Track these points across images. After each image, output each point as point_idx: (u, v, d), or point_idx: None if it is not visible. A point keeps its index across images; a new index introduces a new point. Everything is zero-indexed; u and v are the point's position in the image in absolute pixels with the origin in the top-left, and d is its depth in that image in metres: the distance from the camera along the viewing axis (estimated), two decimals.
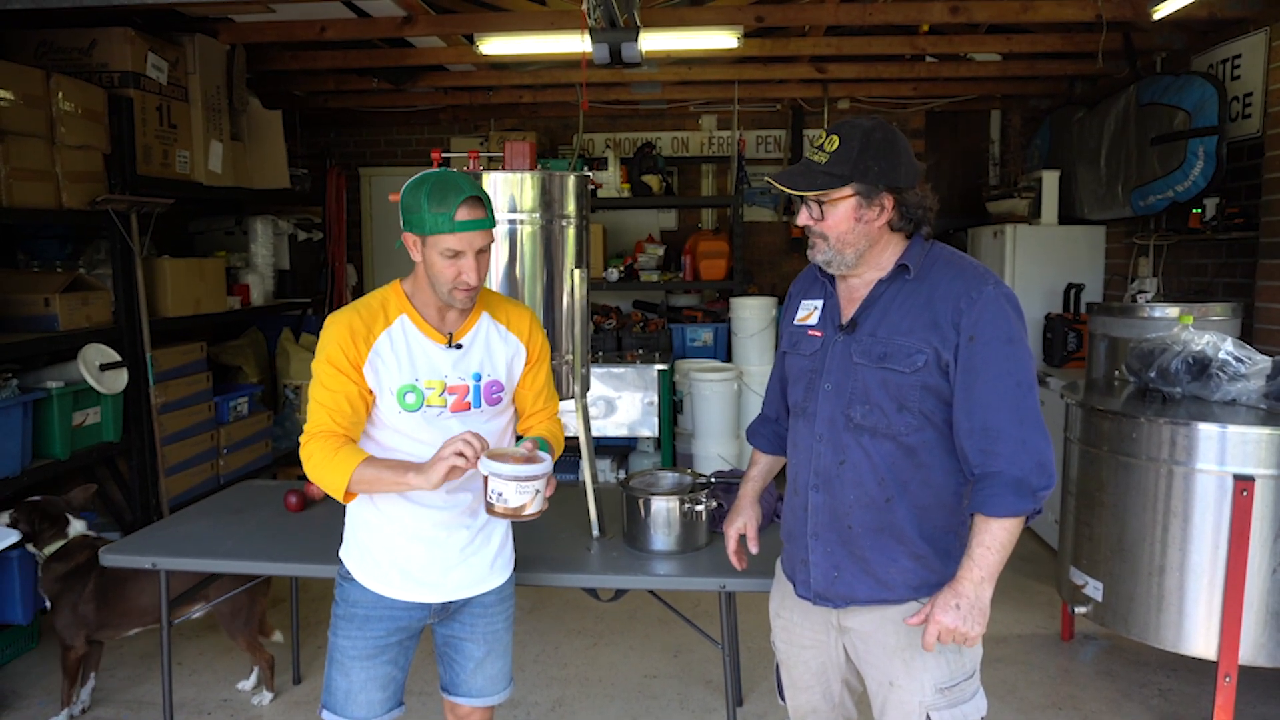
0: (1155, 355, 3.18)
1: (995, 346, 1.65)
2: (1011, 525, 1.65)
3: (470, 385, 1.97)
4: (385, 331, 1.91)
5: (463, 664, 2.12)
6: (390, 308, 1.94)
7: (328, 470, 1.84)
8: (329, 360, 1.88)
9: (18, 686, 3.36)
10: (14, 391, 3.38)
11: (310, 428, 1.89)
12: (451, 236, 1.82)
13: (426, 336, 1.93)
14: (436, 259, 1.85)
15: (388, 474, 1.83)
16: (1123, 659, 3.53)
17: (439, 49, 5.04)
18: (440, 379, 1.93)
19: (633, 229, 6.88)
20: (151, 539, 2.73)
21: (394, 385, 1.90)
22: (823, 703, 1.97)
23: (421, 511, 1.97)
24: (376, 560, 1.99)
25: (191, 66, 4.38)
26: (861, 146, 1.67)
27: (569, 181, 2.51)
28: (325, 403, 1.87)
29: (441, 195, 1.81)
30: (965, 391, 1.67)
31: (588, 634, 3.80)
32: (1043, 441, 1.66)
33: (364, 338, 1.89)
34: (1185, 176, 4.22)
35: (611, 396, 5.43)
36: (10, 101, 3.38)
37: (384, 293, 1.98)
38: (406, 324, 1.93)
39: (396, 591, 1.99)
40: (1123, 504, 3.05)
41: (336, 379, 1.87)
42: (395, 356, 1.90)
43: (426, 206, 1.81)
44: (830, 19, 4.48)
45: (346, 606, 2.02)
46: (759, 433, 2.14)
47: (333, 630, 2.04)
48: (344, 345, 1.87)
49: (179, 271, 4.34)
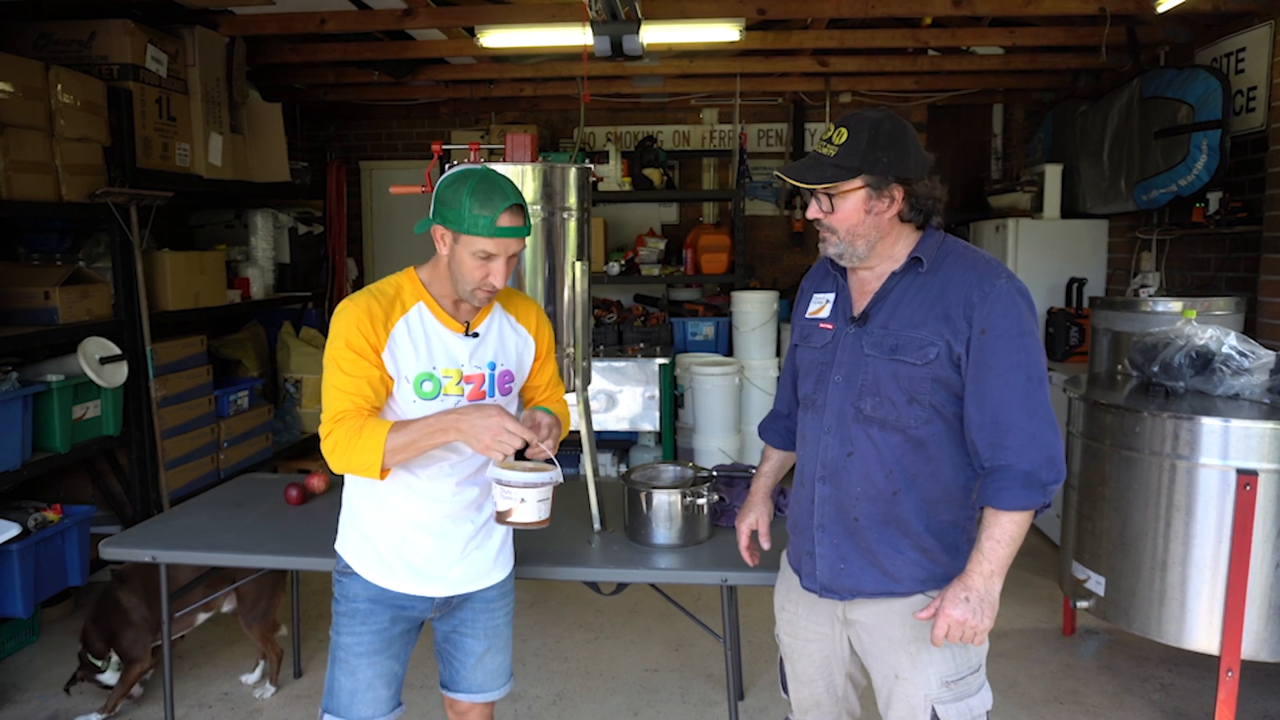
0: (1158, 350, 3.17)
1: (1007, 340, 1.65)
2: (1021, 519, 1.64)
3: (485, 374, 1.96)
4: (403, 318, 1.88)
5: (463, 660, 2.11)
6: (406, 295, 1.90)
7: (357, 450, 1.77)
8: (348, 344, 1.82)
9: (18, 680, 3.35)
10: (14, 384, 3.37)
11: (330, 415, 1.82)
12: (490, 240, 1.79)
13: (444, 325, 1.91)
14: (467, 258, 1.82)
15: (424, 433, 1.78)
16: (1124, 653, 3.52)
17: (439, 41, 5.02)
18: (457, 367, 1.92)
19: (634, 223, 6.87)
20: (152, 532, 2.72)
21: (411, 373, 1.87)
22: (826, 696, 1.97)
23: (430, 504, 1.95)
24: (380, 553, 1.96)
25: (191, 59, 4.36)
26: (870, 138, 1.66)
27: (570, 174, 2.50)
28: (345, 388, 1.81)
29: (486, 197, 1.77)
30: (976, 385, 1.67)
31: (589, 628, 3.79)
32: (1053, 436, 1.65)
33: (383, 322, 1.85)
34: (1189, 170, 4.20)
35: (613, 390, 5.42)
36: (9, 94, 3.36)
37: (398, 280, 1.94)
38: (424, 311, 1.90)
39: (401, 584, 1.97)
40: (1125, 498, 3.04)
41: (357, 363, 1.82)
42: (413, 344, 1.87)
43: (468, 205, 1.77)
44: (832, 11, 4.47)
45: (348, 603, 1.98)
46: (771, 429, 2.13)
47: (335, 629, 2.00)
48: (364, 329, 1.82)
49: (179, 265, 4.33)
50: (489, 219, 1.77)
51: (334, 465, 1.82)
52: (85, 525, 3.65)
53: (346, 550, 2.01)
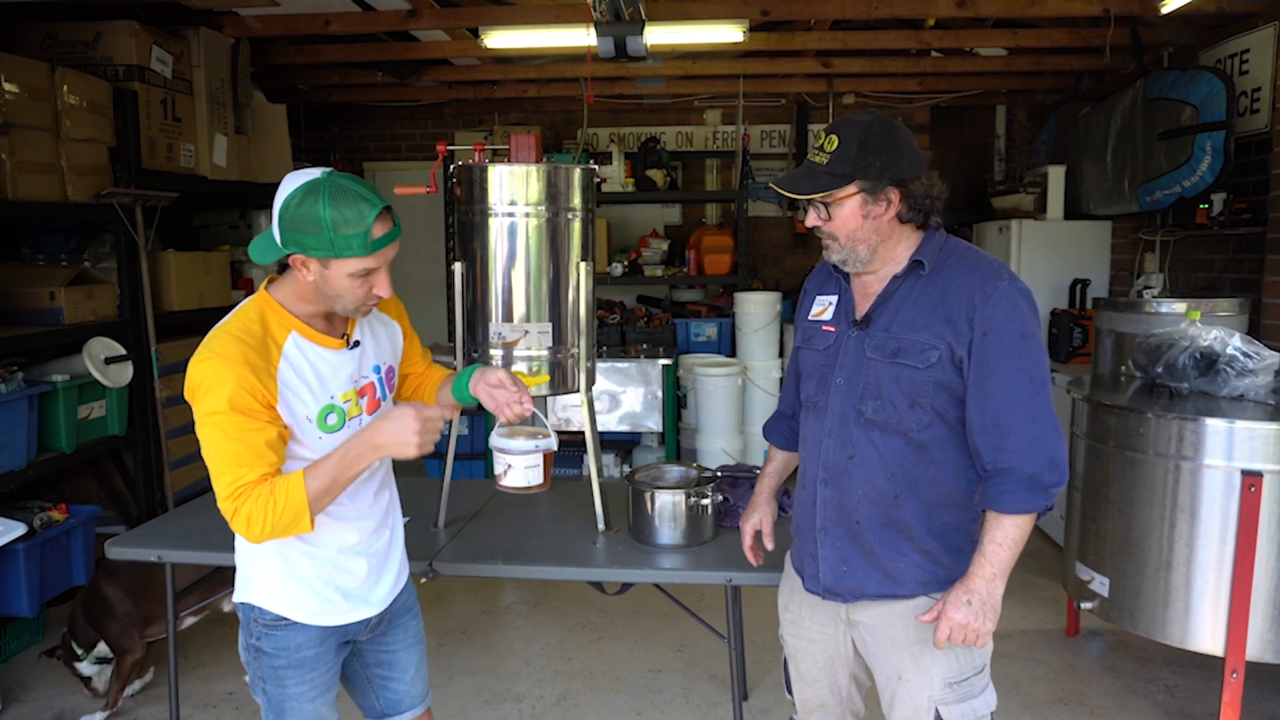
0: (1163, 350, 3.17)
1: (1009, 343, 1.64)
2: (1023, 522, 1.64)
3: (374, 380, 1.83)
4: (283, 358, 1.65)
5: (400, 675, 1.98)
6: (274, 327, 1.66)
7: (278, 515, 1.57)
8: (234, 408, 1.56)
9: (24, 679, 3.36)
10: (19, 385, 3.38)
11: (228, 491, 1.58)
12: (368, 258, 1.60)
13: (323, 347, 1.71)
14: (343, 280, 1.62)
15: (340, 468, 1.61)
16: (1128, 655, 3.52)
17: (443, 43, 5.03)
18: (352, 387, 1.76)
19: (637, 224, 6.87)
20: (157, 532, 2.73)
21: (312, 412, 1.68)
22: (830, 696, 1.97)
23: (357, 524, 1.83)
24: (316, 591, 1.78)
25: (196, 60, 4.38)
26: (861, 143, 1.66)
27: (575, 174, 2.50)
28: (241, 458, 1.57)
29: (349, 211, 1.55)
30: (978, 387, 1.66)
31: (592, 628, 3.80)
32: (1055, 438, 1.65)
33: (265, 371, 1.61)
34: (1193, 171, 4.20)
35: (615, 391, 5.42)
36: (15, 94, 3.37)
37: (255, 311, 1.67)
38: (300, 341, 1.68)
39: (341, 616, 1.81)
40: (1129, 499, 3.04)
41: (247, 427, 1.57)
42: (303, 381, 1.67)
43: (330, 228, 1.55)
44: (836, 13, 4.47)
45: (290, 654, 1.77)
46: (776, 430, 2.13)
47: (276, 683, 1.78)
48: (249, 387, 1.57)
49: (184, 265, 4.33)
50: (361, 236, 1.56)
51: (254, 538, 1.61)
52: (90, 525, 3.65)
53: (274, 602, 1.77)
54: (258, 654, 1.79)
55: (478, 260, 2.50)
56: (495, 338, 2.51)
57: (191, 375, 1.60)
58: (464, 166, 2.50)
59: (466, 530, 2.68)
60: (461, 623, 3.86)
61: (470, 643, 3.68)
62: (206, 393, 1.57)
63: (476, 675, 3.40)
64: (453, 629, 3.80)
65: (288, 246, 1.61)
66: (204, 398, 1.58)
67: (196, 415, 1.61)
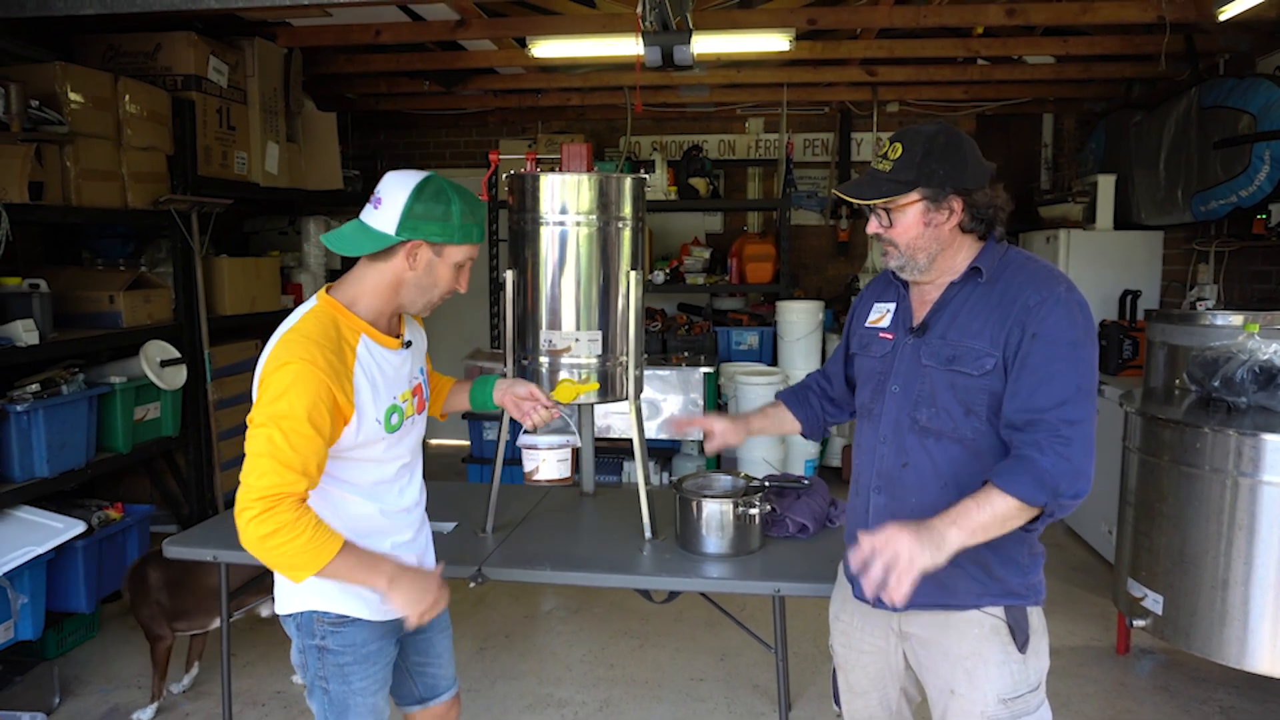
0: (1220, 364, 3.10)
1: (1059, 347, 1.62)
2: (1014, 507, 1.55)
3: (421, 381, 1.94)
4: (356, 361, 1.71)
5: (437, 658, 2.08)
6: (346, 331, 1.72)
7: (303, 548, 1.56)
8: (309, 419, 1.59)
9: (80, 673, 3.45)
10: (80, 386, 3.47)
11: (263, 491, 1.56)
12: (475, 247, 1.76)
13: (386, 348, 1.78)
14: (447, 270, 1.76)
15: (361, 570, 1.64)
16: (1181, 674, 3.45)
17: (490, 52, 5.09)
18: (408, 387, 1.84)
19: (678, 231, 6.89)
20: (213, 532, 2.78)
21: (380, 413, 1.74)
22: (880, 710, 1.95)
23: (405, 519, 1.90)
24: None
25: (250, 70, 4.48)
26: (925, 151, 1.67)
27: (626, 184, 2.52)
28: (290, 465, 1.58)
29: (472, 204, 1.72)
30: (1016, 384, 1.63)
31: (634, 635, 3.80)
32: (1086, 453, 1.58)
33: (345, 375, 1.66)
34: (1250, 181, 4.11)
35: (656, 399, 5.42)
36: (80, 104, 3.47)
37: (326, 314, 1.73)
38: (369, 344, 1.75)
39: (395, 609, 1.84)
40: (1184, 515, 2.98)
41: (311, 440, 1.60)
42: (372, 384, 1.73)
43: (458, 215, 1.71)
44: (884, 21, 4.45)
45: (355, 650, 1.82)
46: (789, 389, 2.18)
47: (341, 680, 1.82)
48: (328, 400, 1.62)
49: (236, 270, 4.43)
50: (479, 226, 1.74)
51: (252, 546, 1.58)
52: (145, 524, 3.74)
53: (337, 602, 1.80)
54: (321, 653, 1.82)
55: (529, 268, 2.52)
56: (545, 345, 2.53)
57: (270, 376, 1.62)
58: (516, 175, 2.53)
59: (513, 536, 2.70)
60: (504, 627, 3.89)
61: (512, 647, 3.70)
62: (283, 395, 1.59)
63: (519, 680, 3.42)
64: (495, 633, 3.82)
65: (404, 234, 1.69)
66: (279, 399, 1.59)
67: (262, 412, 1.61)
